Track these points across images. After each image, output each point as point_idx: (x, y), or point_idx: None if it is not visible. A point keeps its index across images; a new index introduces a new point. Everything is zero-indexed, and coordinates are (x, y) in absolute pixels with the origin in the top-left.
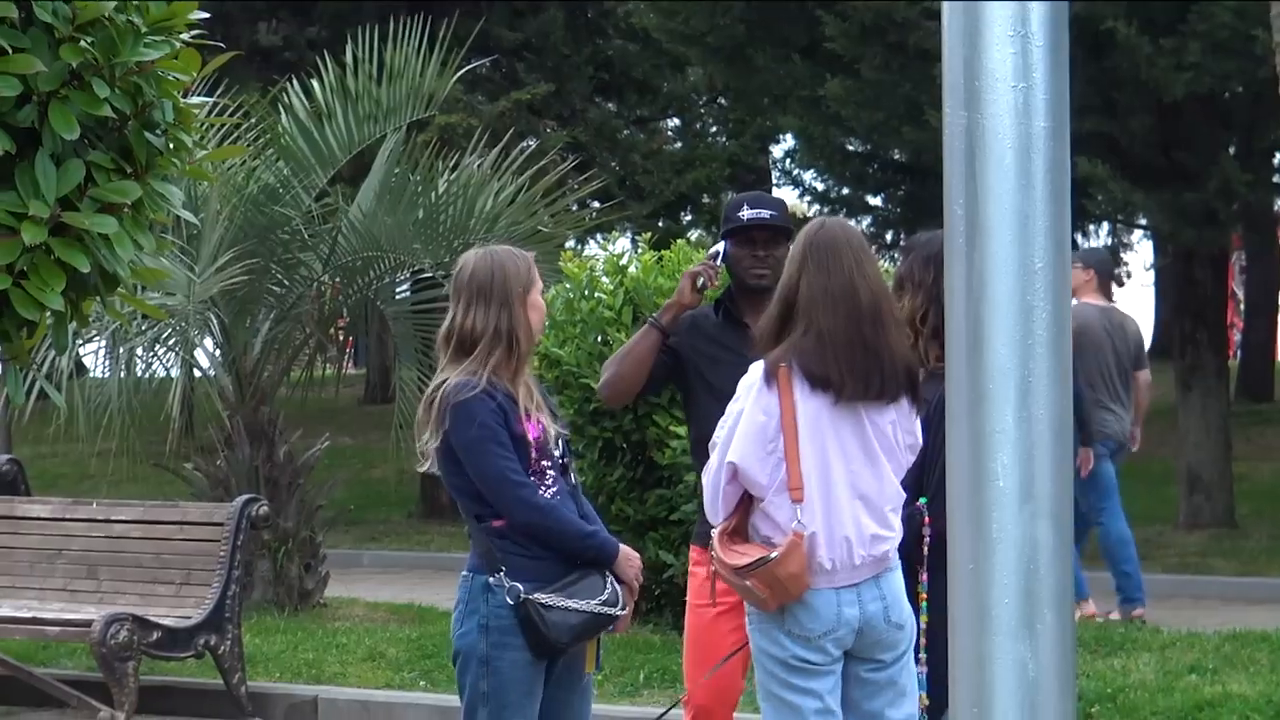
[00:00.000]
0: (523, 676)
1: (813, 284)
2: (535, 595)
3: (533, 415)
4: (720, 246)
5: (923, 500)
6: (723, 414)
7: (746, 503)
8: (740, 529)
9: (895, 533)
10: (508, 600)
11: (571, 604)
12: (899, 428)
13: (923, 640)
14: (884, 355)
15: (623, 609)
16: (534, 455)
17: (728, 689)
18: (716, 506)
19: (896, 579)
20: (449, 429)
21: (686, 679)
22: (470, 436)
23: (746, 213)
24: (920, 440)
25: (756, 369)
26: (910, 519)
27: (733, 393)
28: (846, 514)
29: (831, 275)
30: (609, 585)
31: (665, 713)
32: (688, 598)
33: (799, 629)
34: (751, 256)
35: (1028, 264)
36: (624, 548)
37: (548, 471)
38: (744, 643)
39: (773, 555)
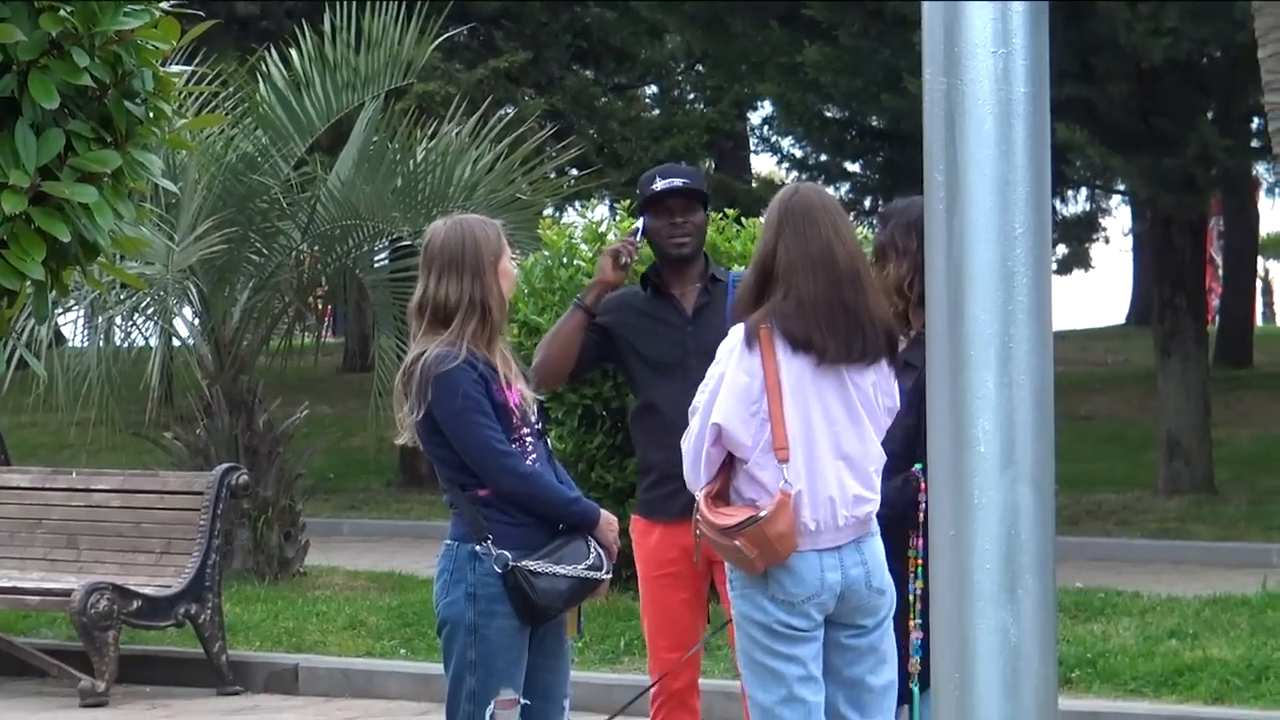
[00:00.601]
0: (511, 644)
1: (790, 249)
2: (523, 562)
3: (512, 383)
4: (639, 222)
5: (918, 466)
6: (660, 383)
7: (728, 466)
8: (722, 493)
9: (877, 494)
10: (495, 568)
11: (559, 570)
12: (879, 389)
13: (918, 605)
14: (864, 317)
15: (606, 573)
16: (515, 422)
17: (692, 657)
18: (699, 471)
19: (877, 544)
20: (432, 401)
21: (649, 647)
22: (454, 408)
23: (660, 183)
24: (898, 403)
25: (737, 332)
26: (906, 484)
27: (669, 361)
28: (830, 475)
29: (809, 240)
30: (593, 550)
31: (642, 694)
32: (638, 569)
33: (782, 594)
34: (670, 225)
35: (1008, 230)
36: (604, 512)
37: (528, 439)
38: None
39: (762, 514)
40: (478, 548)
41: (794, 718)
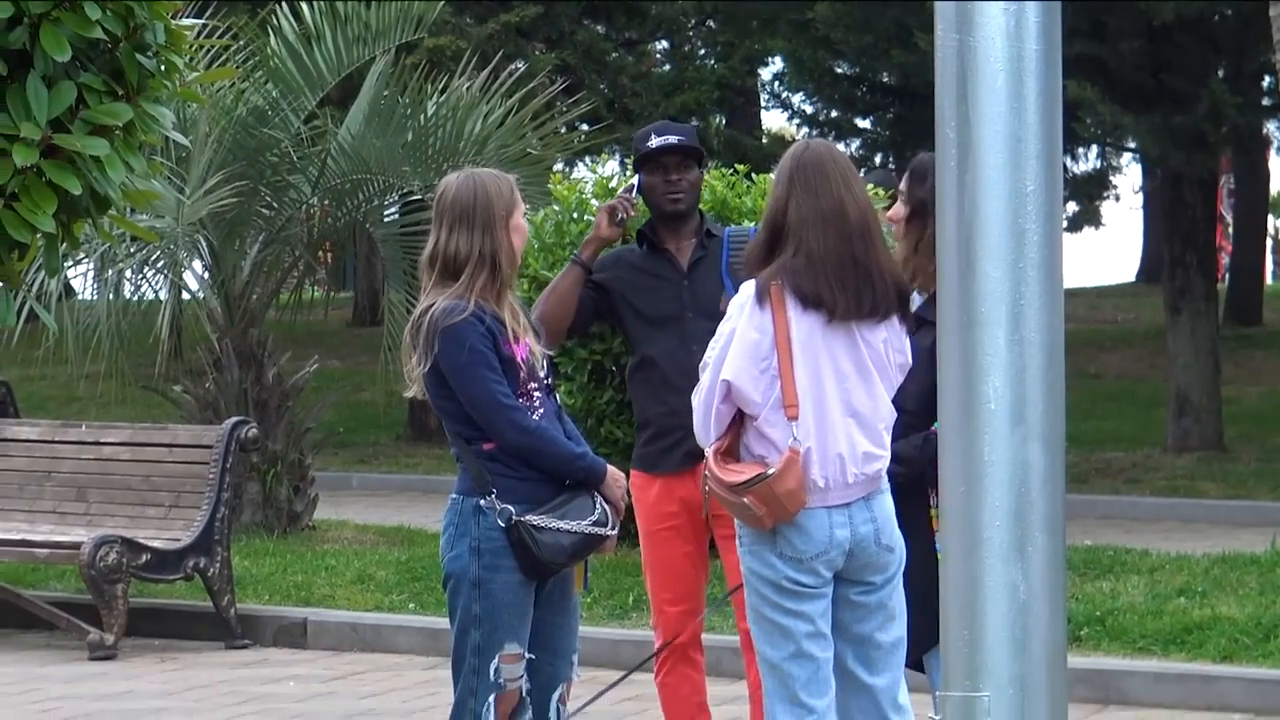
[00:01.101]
0: (515, 598)
1: (802, 204)
2: (527, 517)
3: (520, 337)
4: (634, 179)
5: (937, 424)
6: (657, 337)
7: (738, 423)
8: (732, 449)
9: (888, 451)
10: (499, 523)
11: (563, 525)
12: (890, 346)
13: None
14: (874, 273)
15: (612, 529)
16: (522, 377)
17: (696, 610)
18: (709, 426)
19: (886, 501)
20: (439, 354)
21: (652, 601)
22: (460, 361)
23: (655, 140)
24: (909, 360)
25: (748, 288)
26: (926, 442)
27: (665, 316)
28: (840, 432)
29: (820, 195)
30: (598, 506)
31: (650, 658)
32: (639, 523)
33: (791, 550)
34: (665, 182)
35: (1019, 187)
36: (611, 468)
37: (535, 393)
38: None
39: (770, 471)
40: (482, 502)
41: (802, 674)
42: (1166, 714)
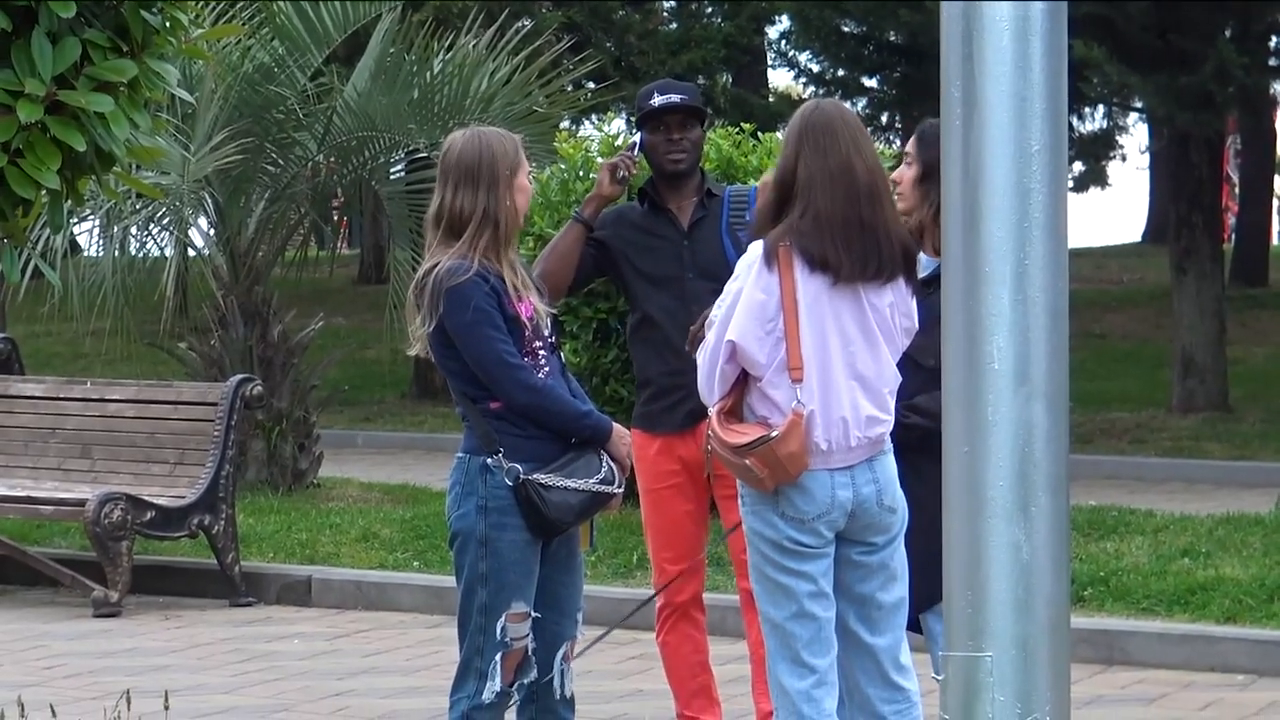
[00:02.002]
0: (522, 557)
1: (810, 164)
2: (534, 475)
3: (524, 296)
4: (637, 137)
5: None
6: (657, 297)
7: (742, 383)
8: (735, 409)
9: (891, 415)
10: (506, 481)
11: (570, 483)
12: (896, 310)
13: None
14: (880, 234)
15: (618, 487)
16: (528, 335)
17: (697, 570)
18: (713, 385)
19: (889, 462)
20: (443, 313)
21: (652, 559)
22: (465, 320)
23: (657, 99)
24: (916, 323)
25: (756, 248)
26: (935, 401)
27: (665, 275)
28: (843, 395)
29: (829, 155)
30: (604, 464)
31: (640, 607)
32: (639, 482)
33: (793, 511)
34: (667, 141)
35: (1025, 146)
36: (617, 426)
37: (540, 352)
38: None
39: (773, 434)
40: (489, 460)
41: (804, 633)
42: (1170, 674)
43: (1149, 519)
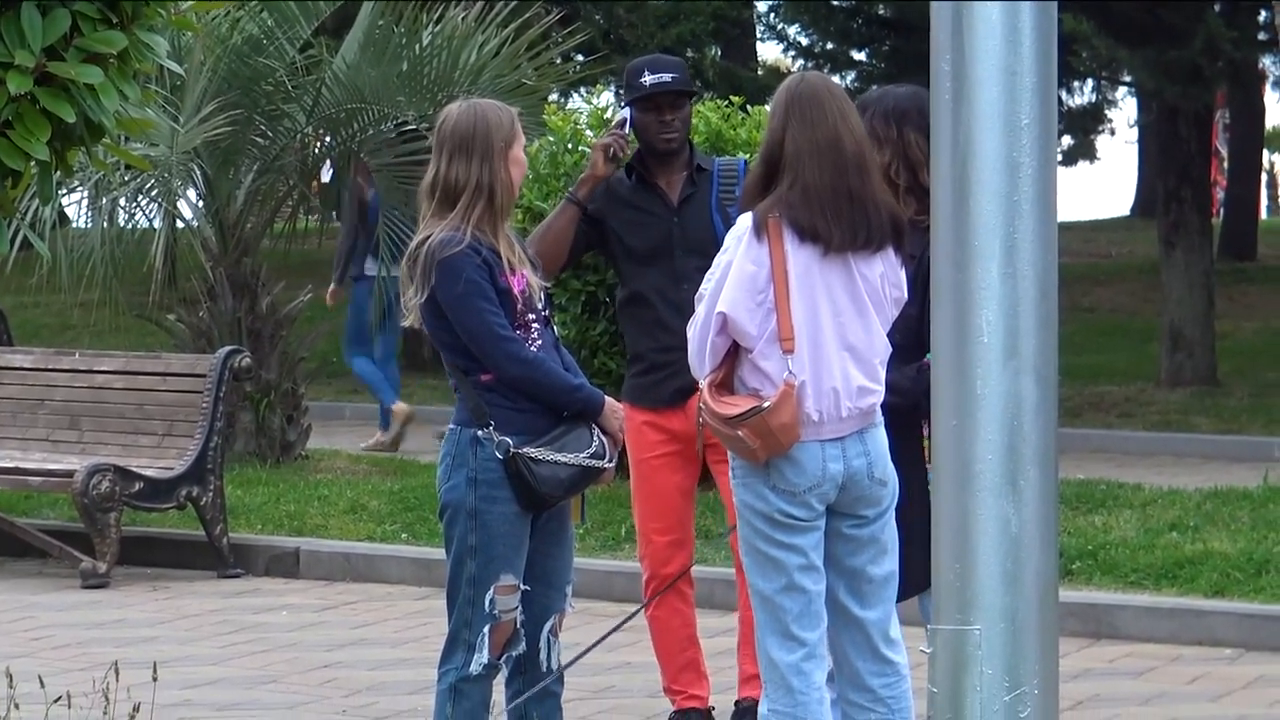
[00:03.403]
0: (511, 530)
1: (798, 137)
2: (524, 449)
3: (516, 269)
4: (625, 113)
5: (929, 356)
6: (646, 273)
7: (733, 355)
8: (726, 381)
9: (882, 385)
10: (497, 454)
11: (560, 457)
12: (886, 280)
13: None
14: (869, 204)
15: (609, 461)
16: (519, 309)
17: (684, 541)
18: (704, 358)
19: (880, 435)
20: (435, 285)
21: (639, 530)
22: (457, 293)
23: (648, 78)
24: (906, 294)
25: (745, 220)
26: (920, 373)
27: (655, 251)
28: (834, 366)
29: (816, 127)
30: (595, 438)
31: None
32: (629, 454)
33: (784, 484)
34: (658, 122)
35: (1014, 121)
36: (609, 399)
37: (533, 325)
38: None
39: (765, 405)
40: (480, 433)
41: (794, 606)
42: (1157, 648)
43: (1137, 493)
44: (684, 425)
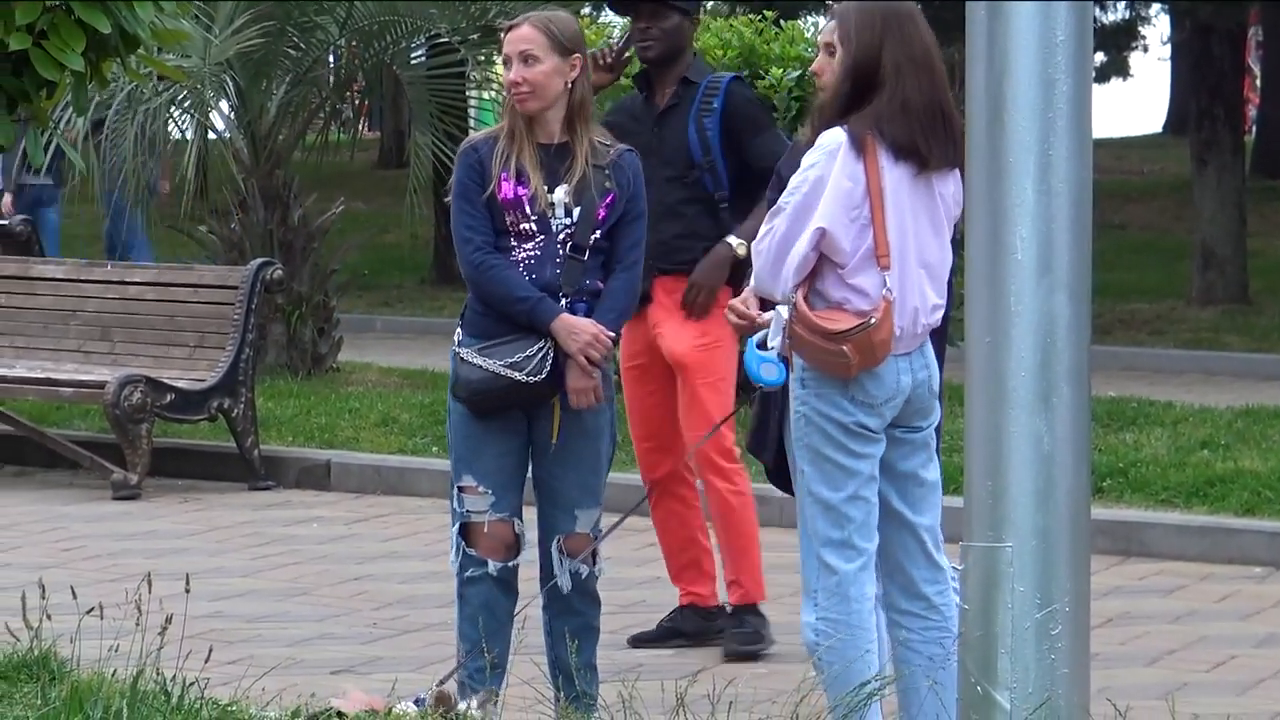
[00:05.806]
0: (469, 432)
1: (895, 52)
2: (460, 349)
3: (524, 177)
4: (629, 26)
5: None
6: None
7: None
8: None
9: (944, 301)
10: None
11: (478, 360)
12: (954, 199)
13: None
14: (955, 123)
15: (536, 376)
16: (510, 218)
17: (665, 447)
18: (788, 274)
19: (930, 348)
20: None
21: (632, 437)
22: (449, 190)
23: None
24: (962, 210)
25: (838, 136)
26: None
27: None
28: (915, 283)
29: (913, 44)
30: (536, 352)
31: (623, 519)
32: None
33: (863, 395)
34: (639, 31)
35: (1049, 37)
36: (570, 319)
37: (527, 234)
38: (733, 411)
39: (872, 321)
40: (456, 334)
41: (859, 515)
42: (1188, 566)
43: (1168, 411)
44: (643, 332)
